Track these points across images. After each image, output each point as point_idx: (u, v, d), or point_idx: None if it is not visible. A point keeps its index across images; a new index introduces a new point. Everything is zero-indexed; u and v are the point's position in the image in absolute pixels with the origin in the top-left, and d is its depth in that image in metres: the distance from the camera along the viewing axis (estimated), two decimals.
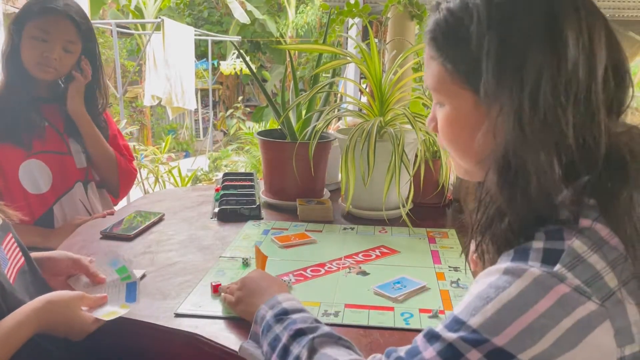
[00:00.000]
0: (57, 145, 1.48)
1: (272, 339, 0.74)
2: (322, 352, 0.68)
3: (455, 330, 0.56)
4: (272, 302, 0.81)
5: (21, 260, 0.93)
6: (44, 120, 1.46)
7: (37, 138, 1.43)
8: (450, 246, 1.28)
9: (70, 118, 1.50)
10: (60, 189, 1.48)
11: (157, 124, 9.64)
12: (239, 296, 0.92)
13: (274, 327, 0.76)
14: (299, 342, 0.71)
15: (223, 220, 1.46)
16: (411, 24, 1.95)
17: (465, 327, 0.56)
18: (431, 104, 1.45)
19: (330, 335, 0.72)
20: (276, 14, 10.64)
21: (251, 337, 0.82)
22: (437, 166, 1.55)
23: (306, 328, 0.73)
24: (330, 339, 0.71)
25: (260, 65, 10.99)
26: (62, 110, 1.50)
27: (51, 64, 1.39)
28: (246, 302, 0.89)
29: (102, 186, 1.63)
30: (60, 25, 1.38)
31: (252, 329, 0.82)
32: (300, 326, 0.73)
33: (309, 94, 1.48)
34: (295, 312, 0.78)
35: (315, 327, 0.74)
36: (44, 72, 1.41)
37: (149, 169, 4.59)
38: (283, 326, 0.75)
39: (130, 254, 1.21)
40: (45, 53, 1.37)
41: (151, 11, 8.47)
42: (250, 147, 6.11)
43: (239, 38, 8.92)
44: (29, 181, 1.42)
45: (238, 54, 8.68)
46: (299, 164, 1.48)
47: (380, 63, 1.50)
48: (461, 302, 0.59)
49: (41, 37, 1.37)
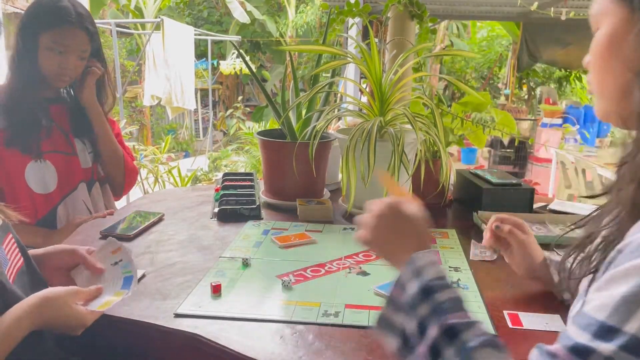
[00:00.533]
0: (63, 145, 1.49)
1: (419, 322, 0.66)
2: None
3: (609, 340, 0.51)
4: (414, 267, 0.71)
5: (20, 261, 0.93)
6: (51, 120, 1.47)
7: (45, 138, 1.44)
8: (450, 246, 1.28)
9: (76, 118, 1.52)
10: (65, 189, 1.49)
11: (157, 124, 9.64)
12: (370, 238, 0.80)
13: (420, 306, 0.67)
14: (452, 346, 0.62)
15: (223, 220, 1.46)
16: (411, 23, 1.95)
17: (621, 334, 0.51)
18: (431, 104, 1.45)
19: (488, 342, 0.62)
20: (276, 14, 10.64)
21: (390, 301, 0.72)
22: (437, 166, 1.55)
23: (460, 325, 0.64)
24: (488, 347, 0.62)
25: (260, 65, 10.99)
26: (67, 110, 1.52)
27: (67, 74, 1.43)
28: (380, 247, 0.80)
29: (106, 182, 1.63)
30: (77, 37, 1.41)
31: (392, 292, 0.72)
32: (453, 321, 0.64)
33: (309, 94, 1.48)
34: (441, 289, 0.68)
35: (468, 324, 0.64)
36: (60, 82, 1.45)
37: (149, 169, 4.59)
38: (430, 309, 0.66)
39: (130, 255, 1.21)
40: (62, 64, 1.41)
41: (151, 11, 8.47)
42: (250, 147, 6.11)
43: (238, 38, 8.92)
44: (35, 181, 1.42)
45: (238, 54, 8.68)
46: (299, 164, 1.48)
47: (380, 63, 1.50)
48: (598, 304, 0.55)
49: (57, 50, 1.39)
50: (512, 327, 0.90)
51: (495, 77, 9.47)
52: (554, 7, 4.75)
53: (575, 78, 8.35)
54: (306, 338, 0.86)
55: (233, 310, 0.95)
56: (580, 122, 7.23)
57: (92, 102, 1.52)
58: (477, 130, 1.68)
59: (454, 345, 0.62)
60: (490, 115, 1.76)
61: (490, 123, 1.72)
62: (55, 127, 1.48)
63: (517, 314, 0.94)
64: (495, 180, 1.55)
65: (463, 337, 0.63)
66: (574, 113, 7.24)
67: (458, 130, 1.69)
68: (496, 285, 1.07)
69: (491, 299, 1.00)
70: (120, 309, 0.95)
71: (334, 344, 0.84)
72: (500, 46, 9.32)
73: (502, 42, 9.31)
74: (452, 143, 1.70)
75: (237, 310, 0.95)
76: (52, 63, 1.40)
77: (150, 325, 0.91)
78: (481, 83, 9.28)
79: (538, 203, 1.63)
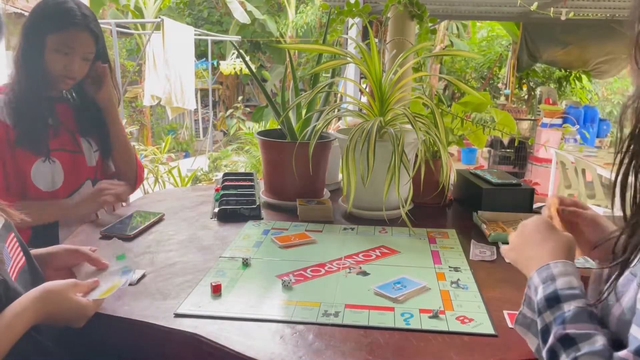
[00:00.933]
0: (69, 144, 1.49)
1: (543, 327, 0.70)
2: None
3: None
4: (545, 274, 0.74)
5: (22, 260, 0.93)
6: (57, 119, 1.48)
7: (52, 137, 1.45)
8: (450, 246, 1.28)
9: (81, 117, 1.53)
10: (71, 187, 1.49)
11: (157, 124, 9.64)
12: (514, 243, 0.86)
13: (545, 313, 0.71)
14: (566, 352, 0.65)
15: (223, 220, 1.46)
16: (411, 23, 1.95)
17: None
18: (431, 104, 1.45)
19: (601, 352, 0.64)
20: (276, 14, 10.64)
21: (525, 301, 0.77)
22: (437, 166, 1.55)
23: (577, 336, 0.66)
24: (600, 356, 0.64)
25: (260, 65, 10.99)
26: (71, 109, 1.53)
27: (72, 76, 1.44)
28: (518, 252, 0.85)
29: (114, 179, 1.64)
30: (82, 39, 1.42)
31: (526, 292, 0.77)
32: (571, 332, 0.66)
33: (309, 94, 1.48)
34: (567, 299, 0.70)
35: (586, 334, 0.66)
36: (65, 84, 1.46)
37: (149, 169, 4.59)
38: (554, 317, 0.69)
39: (130, 254, 1.21)
40: (68, 66, 1.41)
41: (151, 11, 8.47)
42: (250, 147, 6.11)
43: (239, 38, 8.92)
44: (41, 179, 1.42)
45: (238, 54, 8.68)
46: (299, 164, 1.48)
47: (380, 63, 1.50)
48: None
49: (63, 51, 1.40)
50: (512, 327, 0.90)
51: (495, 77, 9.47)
52: (554, 7, 4.75)
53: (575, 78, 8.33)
54: (306, 338, 0.86)
55: (233, 310, 0.95)
56: (580, 122, 7.22)
57: (110, 100, 1.55)
58: (477, 130, 1.68)
59: (568, 352, 0.65)
60: (490, 115, 1.76)
61: (490, 123, 1.72)
62: (61, 126, 1.49)
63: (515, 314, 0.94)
64: (495, 180, 1.55)
65: (579, 345, 0.65)
66: (574, 113, 7.24)
67: (458, 130, 1.69)
68: (496, 285, 1.07)
69: (491, 299, 1.00)
70: (120, 309, 0.95)
71: (334, 343, 0.85)
72: (500, 46, 9.31)
73: (502, 42, 9.31)
74: (452, 143, 1.70)
75: (237, 310, 0.95)
76: (58, 64, 1.41)
77: (150, 325, 0.91)
78: (481, 83, 9.28)
79: (538, 203, 1.63)
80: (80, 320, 0.87)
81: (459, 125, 1.67)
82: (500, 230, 1.34)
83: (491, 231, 1.32)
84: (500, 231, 1.33)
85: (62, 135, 1.48)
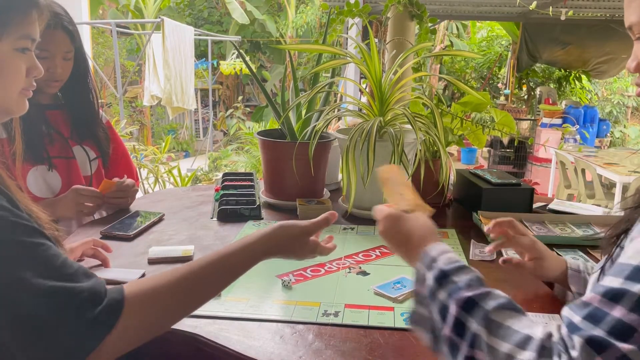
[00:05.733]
0: (63, 150, 1.48)
1: (440, 307, 0.69)
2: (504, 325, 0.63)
3: None
4: (427, 260, 0.74)
5: None
6: (50, 127, 1.46)
7: (49, 145, 1.44)
8: (450, 246, 1.28)
9: (75, 124, 1.51)
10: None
11: (157, 124, 9.64)
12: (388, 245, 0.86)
13: (438, 293, 0.70)
14: (473, 316, 0.65)
15: (223, 220, 1.46)
16: (411, 24, 1.95)
17: None
18: (430, 104, 1.45)
19: (507, 304, 0.66)
20: (276, 14, 10.64)
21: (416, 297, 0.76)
22: (437, 166, 1.55)
23: (475, 296, 0.66)
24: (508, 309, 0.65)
25: (260, 65, 10.99)
26: (65, 116, 1.51)
27: (57, 78, 1.42)
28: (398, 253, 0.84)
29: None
30: (58, 39, 1.39)
31: (414, 288, 0.76)
32: (468, 294, 0.67)
33: (309, 94, 1.48)
34: (455, 272, 0.71)
35: (484, 293, 0.67)
36: (51, 87, 1.44)
37: (149, 169, 4.59)
38: (447, 292, 0.69)
39: (130, 254, 1.21)
40: (50, 69, 1.39)
41: (151, 11, 8.47)
42: (250, 147, 6.11)
43: (239, 38, 8.92)
44: (37, 187, 1.41)
45: (238, 54, 8.68)
46: (299, 164, 1.48)
47: (380, 63, 1.50)
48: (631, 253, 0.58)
49: (42, 55, 1.37)
50: None
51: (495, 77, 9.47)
52: (554, 7, 4.75)
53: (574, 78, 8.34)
54: (306, 338, 0.86)
55: (233, 310, 0.95)
56: (580, 122, 7.23)
57: None
58: (476, 130, 1.69)
59: (475, 315, 0.64)
60: (490, 115, 1.76)
61: (490, 123, 1.72)
62: (54, 132, 1.47)
63: None
64: (495, 180, 1.55)
65: (482, 304, 0.65)
66: (574, 113, 7.24)
67: (458, 130, 1.69)
68: (496, 285, 1.05)
69: None
70: None
71: (334, 343, 0.85)
72: (500, 46, 9.32)
73: (502, 42, 9.31)
74: (451, 143, 1.70)
75: (237, 310, 0.95)
76: None
77: None
78: (481, 83, 9.28)
79: (538, 203, 1.63)
80: None
81: (459, 125, 1.67)
82: None
83: None
84: None
85: (56, 142, 1.47)
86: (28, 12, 0.76)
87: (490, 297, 0.66)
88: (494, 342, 0.61)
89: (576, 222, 1.44)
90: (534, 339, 0.60)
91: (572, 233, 1.37)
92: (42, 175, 1.42)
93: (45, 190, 1.43)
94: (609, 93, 10.15)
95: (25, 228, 0.68)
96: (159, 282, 0.74)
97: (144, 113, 8.72)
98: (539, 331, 0.61)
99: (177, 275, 0.75)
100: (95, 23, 6.83)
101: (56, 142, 1.46)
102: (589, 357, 0.54)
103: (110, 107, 8.14)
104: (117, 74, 5.35)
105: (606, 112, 9.75)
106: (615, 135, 9.48)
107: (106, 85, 7.04)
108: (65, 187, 1.46)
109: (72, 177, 1.49)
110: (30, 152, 1.40)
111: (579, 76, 8.29)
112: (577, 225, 1.43)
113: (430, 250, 0.75)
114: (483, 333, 0.62)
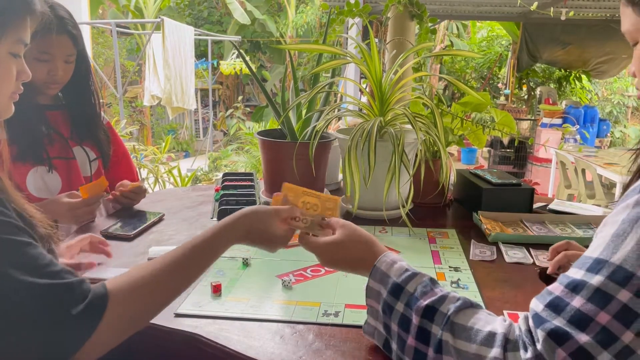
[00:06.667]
0: (63, 150, 1.48)
1: (400, 320, 0.71)
2: (467, 327, 0.65)
3: (598, 270, 0.57)
4: (378, 275, 0.77)
5: None
6: (50, 128, 1.46)
7: (48, 145, 1.44)
8: (450, 246, 1.28)
9: (76, 125, 1.52)
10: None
11: (157, 124, 9.64)
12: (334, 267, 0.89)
13: (396, 305, 0.72)
14: (435, 322, 0.67)
15: None
16: (411, 23, 1.95)
17: (608, 265, 0.56)
18: (431, 104, 1.45)
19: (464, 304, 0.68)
20: (276, 14, 10.64)
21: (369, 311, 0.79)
22: (437, 166, 1.55)
23: (433, 303, 0.69)
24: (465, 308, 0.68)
25: (260, 65, 10.99)
26: (66, 116, 1.51)
27: (58, 81, 1.42)
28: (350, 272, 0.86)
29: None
30: (61, 43, 1.39)
31: (367, 302, 0.78)
32: (426, 302, 0.69)
33: (309, 94, 1.48)
34: (407, 281, 0.74)
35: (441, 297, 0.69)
36: (51, 90, 1.44)
37: (149, 169, 4.59)
38: (404, 303, 0.72)
39: (130, 254, 1.21)
40: (51, 72, 1.39)
41: (151, 11, 8.47)
42: (250, 147, 6.11)
43: (239, 38, 8.92)
44: (36, 188, 1.41)
45: (238, 54, 8.68)
46: (299, 164, 1.48)
47: (380, 63, 1.50)
48: (594, 246, 0.60)
49: (44, 58, 1.37)
50: None
51: (495, 77, 9.47)
52: (554, 7, 4.75)
53: (575, 78, 8.33)
54: (306, 338, 0.86)
55: (233, 310, 0.95)
56: (580, 122, 7.23)
57: None
58: (477, 130, 1.69)
59: (437, 321, 0.67)
60: (490, 115, 1.76)
61: (490, 123, 1.72)
62: (54, 133, 1.47)
63: (517, 314, 0.94)
64: (495, 180, 1.55)
65: (441, 310, 0.68)
66: (574, 113, 7.24)
67: (458, 130, 1.69)
68: (496, 285, 1.07)
69: (491, 299, 1.00)
70: None
71: (334, 343, 0.85)
72: (500, 46, 9.32)
73: (502, 42, 9.31)
74: (452, 143, 1.70)
75: (237, 310, 0.95)
76: (41, 72, 1.38)
77: (150, 325, 0.90)
78: (481, 83, 9.28)
79: (538, 203, 1.63)
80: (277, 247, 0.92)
81: (459, 125, 1.67)
82: (499, 230, 1.34)
83: (491, 231, 1.32)
84: (500, 231, 1.33)
85: (56, 143, 1.47)
86: (24, 17, 0.77)
87: (448, 301, 0.69)
88: (460, 344, 0.64)
89: (576, 222, 1.44)
90: (497, 335, 0.62)
91: (572, 233, 1.37)
92: (42, 176, 1.42)
93: (44, 191, 1.42)
94: (609, 93, 10.15)
95: (10, 226, 0.68)
96: (140, 272, 0.75)
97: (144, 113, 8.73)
98: (499, 325, 0.64)
99: (159, 263, 0.77)
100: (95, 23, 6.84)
101: (56, 143, 1.46)
102: (551, 349, 0.57)
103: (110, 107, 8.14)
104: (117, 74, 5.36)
105: (606, 112, 9.75)
106: (615, 135, 9.48)
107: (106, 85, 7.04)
108: (65, 188, 1.46)
109: (72, 177, 1.48)
110: (30, 153, 1.40)
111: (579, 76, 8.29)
112: (577, 225, 1.43)
113: (380, 265, 0.78)
114: (449, 338, 0.65)
